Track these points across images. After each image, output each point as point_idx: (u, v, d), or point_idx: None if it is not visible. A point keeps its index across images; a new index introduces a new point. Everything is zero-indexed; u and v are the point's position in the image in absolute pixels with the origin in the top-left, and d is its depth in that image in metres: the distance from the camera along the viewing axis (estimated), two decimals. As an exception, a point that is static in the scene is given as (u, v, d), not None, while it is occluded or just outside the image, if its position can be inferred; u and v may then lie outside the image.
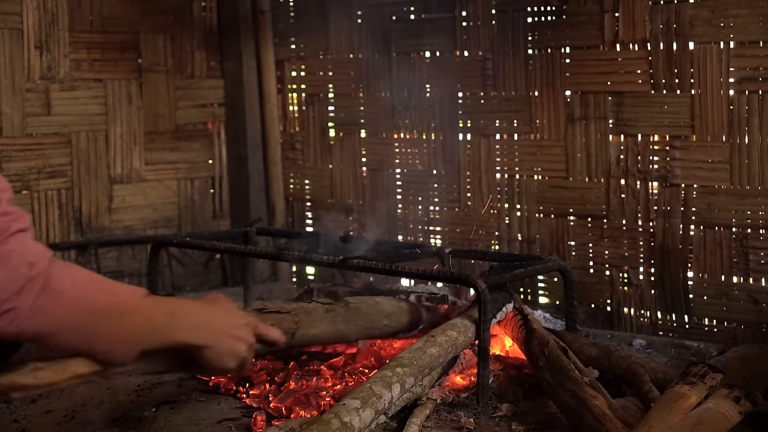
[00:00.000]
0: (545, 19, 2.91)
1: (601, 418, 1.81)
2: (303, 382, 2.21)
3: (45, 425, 1.97)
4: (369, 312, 2.32)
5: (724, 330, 2.64)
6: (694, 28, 2.62)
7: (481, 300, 2.12)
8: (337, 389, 2.17)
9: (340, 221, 3.46)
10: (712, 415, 1.62)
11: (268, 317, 2.00)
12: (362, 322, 2.29)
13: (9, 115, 3.11)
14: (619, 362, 2.15)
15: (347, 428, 1.69)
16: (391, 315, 2.36)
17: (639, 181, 2.76)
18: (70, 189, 3.28)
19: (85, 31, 3.29)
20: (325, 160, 3.52)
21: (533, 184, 2.98)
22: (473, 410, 2.08)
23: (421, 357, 1.98)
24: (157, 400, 2.18)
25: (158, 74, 3.48)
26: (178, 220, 3.56)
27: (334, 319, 2.23)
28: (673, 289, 2.73)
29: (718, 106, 2.60)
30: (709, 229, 2.66)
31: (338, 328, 2.23)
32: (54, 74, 3.21)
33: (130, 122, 3.40)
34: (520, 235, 3.01)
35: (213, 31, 3.62)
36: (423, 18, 3.18)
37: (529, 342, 2.18)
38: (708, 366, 1.74)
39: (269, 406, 2.10)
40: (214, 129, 3.65)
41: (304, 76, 3.57)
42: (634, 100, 2.76)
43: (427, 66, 3.19)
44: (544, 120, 2.94)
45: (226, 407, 2.15)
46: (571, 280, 2.48)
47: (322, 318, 2.20)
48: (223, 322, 1.58)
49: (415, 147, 3.25)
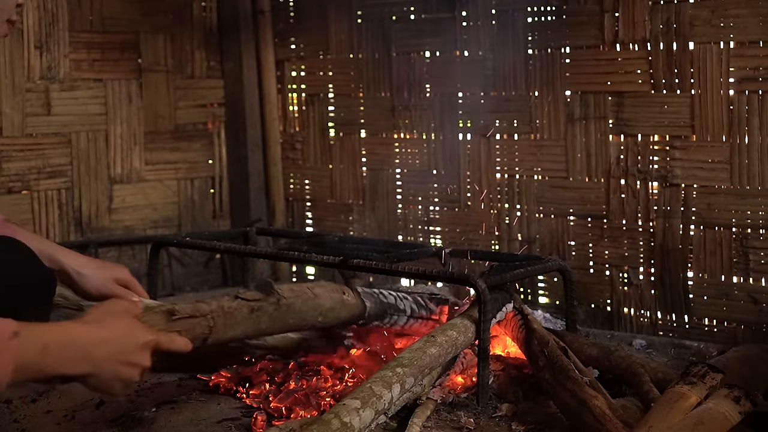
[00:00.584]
0: (545, 19, 2.91)
1: (601, 418, 1.81)
2: (303, 382, 2.21)
3: (45, 425, 1.97)
4: (303, 309, 2.18)
5: (724, 330, 2.64)
6: (694, 28, 2.62)
7: (481, 300, 2.12)
8: (337, 389, 2.18)
9: (340, 221, 3.46)
10: (712, 415, 1.62)
11: (178, 324, 1.87)
12: (293, 320, 2.15)
13: (9, 115, 3.11)
14: (619, 362, 2.15)
15: (347, 428, 1.69)
16: (328, 311, 2.24)
17: (639, 181, 2.76)
18: (70, 189, 3.28)
19: (85, 31, 3.29)
20: (325, 160, 3.52)
21: (533, 184, 2.98)
22: (473, 410, 2.08)
23: (421, 357, 1.98)
24: (157, 400, 2.18)
25: (158, 74, 3.48)
26: (178, 220, 3.56)
27: (258, 320, 2.08)
28: (673, 289, 2.73)
29: (718, 106, 2.60)
30: (709, 229, 2.66)
31: (261, 329, 2.10)
32: (54, 74, 3.21)
33: (130, 122, 3.40)
34: (520, 235, 3.01)
35: (213, 31, 3.62)
36: (423, 18, 3.18)
37: (529, 342, 2.18)
38: (708, 366, 1.74)
39: (269, 406, 2.10)
40: (214, 129, 3.65)
41: (304, 76, 3.57)
42: (634, 100, 2.76)
43: (427, 66, 3.19)
44: (544, 120, 2.94)
45: (226, 407, 2.15)
46: (571, 280, 2.48)
47: (244, 319, 2.05)
48: (110, 349, 1.45)
49: (415, 147, 3.25)
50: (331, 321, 2.26)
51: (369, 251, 2.53)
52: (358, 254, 2.44)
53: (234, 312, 2.01)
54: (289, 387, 2.19)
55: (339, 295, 2.28)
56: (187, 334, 1.74)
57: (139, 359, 1.49)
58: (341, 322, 2.31)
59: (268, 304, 2.09)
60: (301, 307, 2.17)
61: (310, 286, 2.26)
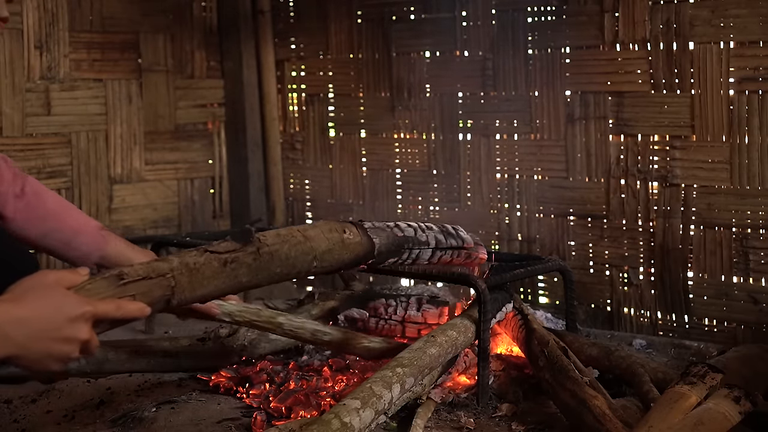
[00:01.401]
0: (545, 19, 2.91)
1: (601, 418, 1.81)
2: (303, 382, 2.21)
3: (45, 425, 1.97)
4: (292, 254, 1.80)
5: (724, 330, 2.64)
6: (694, 28, 2.62)
7: (481, 300, 2.12)
8: (337, 389, 2.18)
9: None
10: (712, 415, 1.62)
11: (131, 287, 1.57)
12: (279, 268, 1.79)
13: (9, 115, 3.11)
14: (619, 362, 2.15)
15: (347, 428, 1.69)
16: (325, 254, 1.86)
17: (639, 181, 2.76)
18: (70, 189, 3.28)
19: (85, 31, 3.29)
20: (325, 160, 3.52)
21: (533, 184, 2.98)
22: (473, 410, 2.08)
23: (421, 357, 1.97)
24: (157, 400, 2.18)
25: (158, 74, 3.48)
26: (178, 220, 3.56)
27: (234, 273, 1.73)
28: (673, 289, 2.73)
29: (718, 106, 2.60)
30: (709, 229, 2.66)
31: (241, 282, 1.75)
32: (54, 74, 3.21)
33: (130, 122, 3.40)
34: (520, 235, 3.01)
35: (213, 31, 3.62)
36: (423, 18, 3.18)
37: (529, 342, 2.18)
38: (708, 366, 1.74)
39: (269, 406, 2.10)
40: (214, 129, 3.65)
41: (304, 76, 3.57)
42: (634, 100, 2.76)
43: (427, 66, 3.19)
44: (544, 120, 2.94)
45: (226, 407, 2.15)
46: (571, 280, 2.48)
47: (216, 274, 1.70)
48: (32, 327, 1.34)
49: (415, 147, 3.26)
50: (330, 265, 1.90)
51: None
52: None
53: (202, 268, 1.68)
54: (289, 387, 2.19)
55: (338, 234, 1.91)
56: (143, 298, 1.54)
57: (72, 333, 1.37)
58: (345, 265, 1.95)
59: (246, 254, 1.74)
60: (289, 253, 1.80)
61: (302, 228, 1.89)
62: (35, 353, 1.35)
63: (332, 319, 2.55)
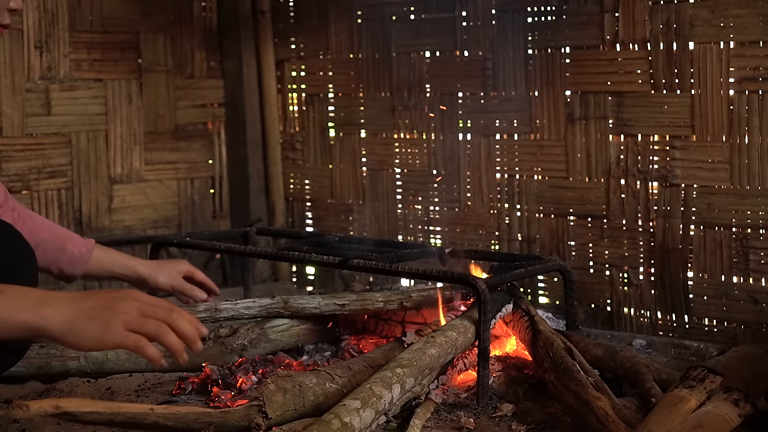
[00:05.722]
0: (545, 19, 2.91)
1: (604, 419, 1.80)
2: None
3: (45, 425, 1.96)
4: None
5: (724, 330, 2.64)
6: (694, 28, 2.62)
7: (481, 300, 2.12)
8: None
9: (340, 221, 3.46)
10: (711, 418, 1.62)
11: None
12: None
13: (9, 115, 3.11)
14: (623, 362, 2.15)
15: (347, 428, 1.69)
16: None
17: (639, 181, 2.76)
18: (70, 189, 3.28)
19: (85, 31, 3.29)
20: (325, 160, 3.52)
21: (533, 184, 2.98)
22: (473, 410, 2.08)
23: (421, 358, 1.98)
24: (157, 400, 2.17)
25: (158, 74, 3.48)
26: (178, 220, 3.56)
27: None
28: (673, 289, 2.73)
29: (718, 106, 2.60)
30: (709, 229, 2.66)
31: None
32: (54, 74, 3.21)
33: (130, 122, 3.40)
34: (520, 235, 3.01)
35: (213, 31, 3.62)
36: (423, 18, 3.18)
37: (535, 344, 2.17)
38: (707, 369, 1.74)
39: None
40: (214, 129, 3.65)
41: (304, 76, 3.57)
42: (634, 100, 2.76)
43: (427, 66, 3.19)
44: (544, 120, 2.94)
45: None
46: (571, 280, 2.49)
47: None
48: (77, 302, 1.47)
49: (415, 147, 3.26)
50: None
51: (369, 251, 2.53)
52: (358, 254, 2.44)
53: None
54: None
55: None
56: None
57: (121, 307, 1.49)
58: None
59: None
60: None
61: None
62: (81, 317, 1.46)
63: (332, 319, 2.55)
